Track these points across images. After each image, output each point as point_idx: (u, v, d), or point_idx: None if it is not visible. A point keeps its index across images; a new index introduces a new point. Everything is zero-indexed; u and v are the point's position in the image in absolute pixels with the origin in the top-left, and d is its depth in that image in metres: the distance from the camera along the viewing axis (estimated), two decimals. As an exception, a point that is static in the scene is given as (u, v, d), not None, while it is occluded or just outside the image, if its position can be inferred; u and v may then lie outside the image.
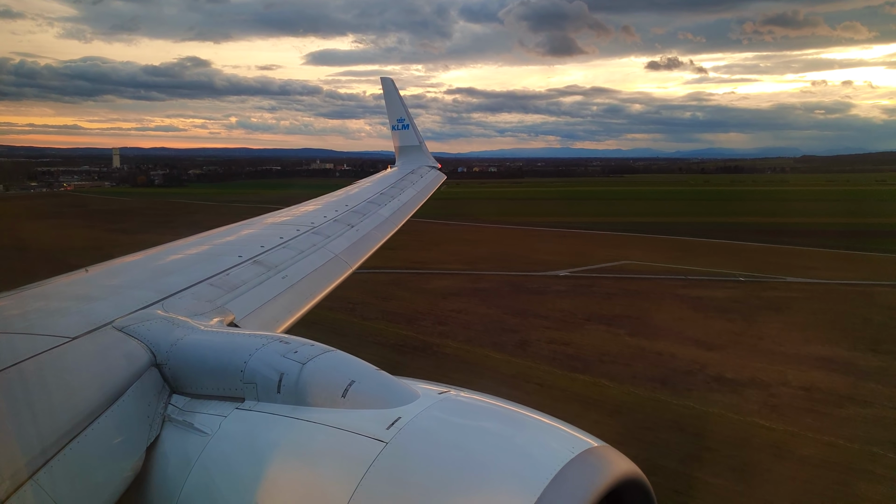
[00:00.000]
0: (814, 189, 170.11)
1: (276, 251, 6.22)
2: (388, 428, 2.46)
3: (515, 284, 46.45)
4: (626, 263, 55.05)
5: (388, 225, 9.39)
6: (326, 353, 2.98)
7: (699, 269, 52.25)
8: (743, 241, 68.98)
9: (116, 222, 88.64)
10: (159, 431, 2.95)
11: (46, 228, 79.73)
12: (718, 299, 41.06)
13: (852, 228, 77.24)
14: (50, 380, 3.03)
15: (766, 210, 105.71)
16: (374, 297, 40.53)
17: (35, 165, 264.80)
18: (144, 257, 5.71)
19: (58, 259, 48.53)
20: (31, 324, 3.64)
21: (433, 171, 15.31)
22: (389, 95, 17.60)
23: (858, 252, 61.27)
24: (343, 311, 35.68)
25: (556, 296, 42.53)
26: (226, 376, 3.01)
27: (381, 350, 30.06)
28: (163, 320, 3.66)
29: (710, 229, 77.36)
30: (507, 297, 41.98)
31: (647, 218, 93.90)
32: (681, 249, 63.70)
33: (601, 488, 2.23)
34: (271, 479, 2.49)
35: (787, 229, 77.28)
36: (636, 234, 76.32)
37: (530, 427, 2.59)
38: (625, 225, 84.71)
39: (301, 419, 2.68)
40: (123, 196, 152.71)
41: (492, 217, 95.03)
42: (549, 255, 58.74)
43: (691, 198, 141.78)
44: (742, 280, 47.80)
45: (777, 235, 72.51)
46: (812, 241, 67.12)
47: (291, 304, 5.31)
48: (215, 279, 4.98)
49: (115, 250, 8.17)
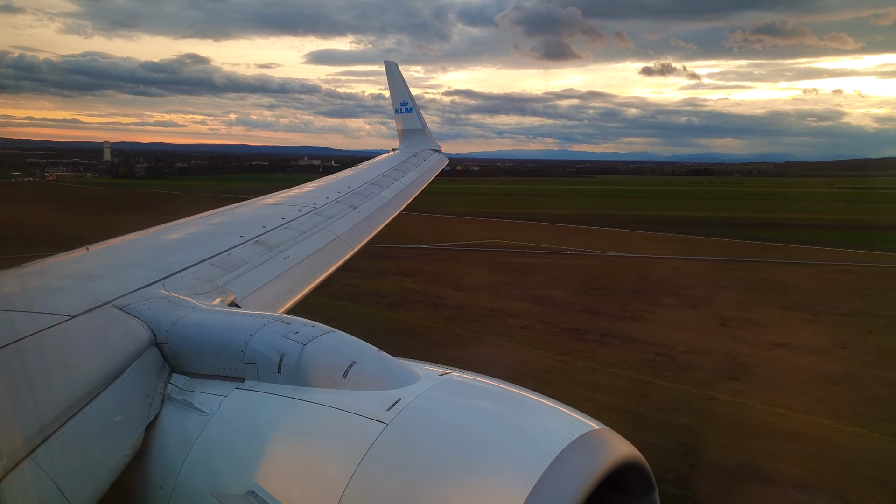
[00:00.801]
0: (746, 189, 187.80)
1: (278, 231, 6.23)
2: (389, 409, 2.48)
3: (374, 252, 55.88)
4: (492, 241, 64.39)
5: (391, 207, 9.39)
6: (327, 334, 3.02)
7: (545, 245, 61.51)
8: (618, 229, 78.10)
9: (77, 207, 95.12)
10: (159, 410, 2.95)
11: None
12: (521, 264, 50.68)
13: (727, 220, 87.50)
14: (50, 358, 3.03)
15: (674, 206, 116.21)
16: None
17: (25, 157, 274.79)
18: (146, 236, 5.71)
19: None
20: (31, 301, 3.63)
21: (436, 155, 15.36)
22: (393, 79, 17.57)
23: (692, 236, 71.16)
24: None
25: (395, 259, 51.59)
26: (226, 356, 3.02)
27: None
28: (163, 299, 3.66)
29: (609, 220, 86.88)
30: (354, 260, 51.34)
31: (568, 210, 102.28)
32: (557, 233, 72.59)
33: (601, 471, 2.25)
34: (271, 459, 2.51)
35: (672, 220, 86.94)
36: (539, 222, 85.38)
37: (531, 409, 2.63)
38: (539, 216, 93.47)
39: (301, 399, 2.68)
40: (102, 186, 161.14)
41: (429, 207, 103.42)
42: (434, 235, 65.53)
43: (625, 195, 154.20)
44: (566, 253, 57.41)
45: (655, 225, 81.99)
46: (675, 229, 76.79)
47: (293, 285, 5.33)
48: (217, 259, 4.97)
49: (54, 227, 12.59)
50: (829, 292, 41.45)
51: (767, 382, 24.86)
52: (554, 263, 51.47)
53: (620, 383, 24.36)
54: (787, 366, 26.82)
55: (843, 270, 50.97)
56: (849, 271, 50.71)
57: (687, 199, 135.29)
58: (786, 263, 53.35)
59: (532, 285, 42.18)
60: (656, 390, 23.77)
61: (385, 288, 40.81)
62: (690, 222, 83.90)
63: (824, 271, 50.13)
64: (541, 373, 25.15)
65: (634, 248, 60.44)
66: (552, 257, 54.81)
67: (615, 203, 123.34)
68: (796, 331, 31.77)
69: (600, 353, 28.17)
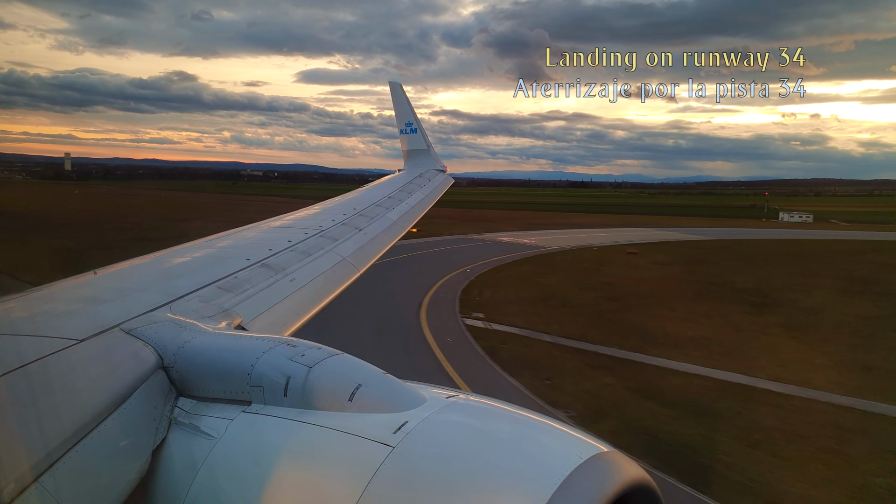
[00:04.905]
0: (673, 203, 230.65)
1: (284, 254, 6.28)
2: (395, 432, 2.47)
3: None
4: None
5: (396, 228, 9.42)
6: (333, 357, 3.00)
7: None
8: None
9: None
10: (165, 434, 2.95)
11: None
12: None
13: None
14: (57, 382, 3.03)
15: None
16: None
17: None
18: (152, 260, 5.81)
19: None
20: (38, 326, 3.63)
21: (441, 175, 15.38)
22: (398, 99, 17.57)
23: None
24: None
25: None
26: (232, 379, 3.01)
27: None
28: (170, 323, 3.67)
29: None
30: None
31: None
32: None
33: (610, 494, 2.21)
34: (277, 483, 2.50)
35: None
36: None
37: (538, 432, 2.58)
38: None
39: (307, 423, 2.67)
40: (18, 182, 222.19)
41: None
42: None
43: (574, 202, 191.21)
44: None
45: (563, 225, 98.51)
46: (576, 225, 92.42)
47: (299, 308, 5.32)
48: (223, 282, 4.99)
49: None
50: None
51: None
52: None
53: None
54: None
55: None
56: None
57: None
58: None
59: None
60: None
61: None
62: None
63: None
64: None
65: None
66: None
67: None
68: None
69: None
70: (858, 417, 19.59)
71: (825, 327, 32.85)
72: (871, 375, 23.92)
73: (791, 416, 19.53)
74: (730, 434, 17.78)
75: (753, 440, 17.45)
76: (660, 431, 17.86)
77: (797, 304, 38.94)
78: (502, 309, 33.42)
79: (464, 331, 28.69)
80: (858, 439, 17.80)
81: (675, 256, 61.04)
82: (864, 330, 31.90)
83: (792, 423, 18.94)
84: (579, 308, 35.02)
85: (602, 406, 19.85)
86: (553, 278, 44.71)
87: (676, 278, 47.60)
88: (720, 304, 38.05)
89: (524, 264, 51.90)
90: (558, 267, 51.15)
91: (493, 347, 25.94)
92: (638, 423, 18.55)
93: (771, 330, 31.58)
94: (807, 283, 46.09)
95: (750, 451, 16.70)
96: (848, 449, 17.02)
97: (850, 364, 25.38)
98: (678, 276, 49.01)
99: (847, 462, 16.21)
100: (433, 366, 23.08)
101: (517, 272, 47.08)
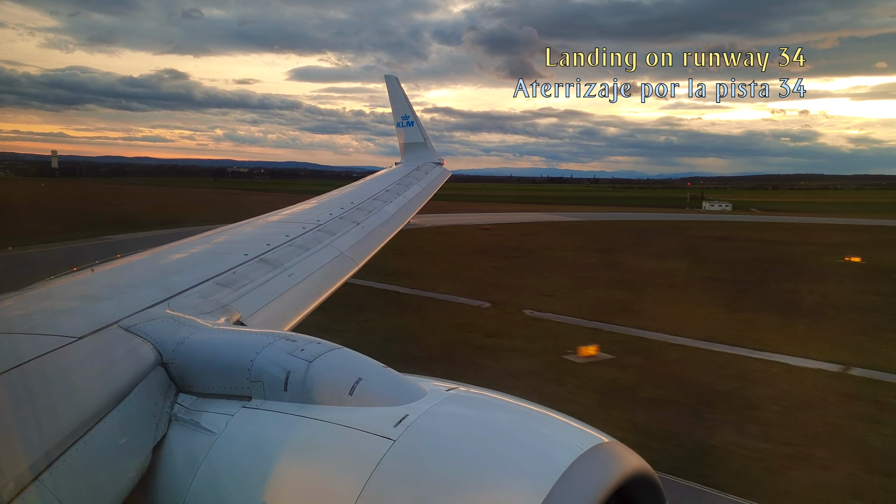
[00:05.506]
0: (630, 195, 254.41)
1: (282, 249, 6.20)
2: (396, 426, 2.47)
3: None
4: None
5: (394, 222, 9.31)
6: (333, 351, 2.99)
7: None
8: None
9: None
10: (166, 431, 2.94)
11: None
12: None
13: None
14: (56, 379, 3.01)
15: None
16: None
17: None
18: (150, 256, 5.71)
19: None
20: (37, 324, 3.61)
21: (438, 168, 15.37)
22: (394, 93, 17.65)
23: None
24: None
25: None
26: (232, 375, 3.00)
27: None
28: (169, 319, 3.64)
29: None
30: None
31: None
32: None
33: (611, 484, 2.24)
34: (278, 478, 2.50)
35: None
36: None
37: (539, 423, 2.61)
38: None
39: (308, 417, 2.67)
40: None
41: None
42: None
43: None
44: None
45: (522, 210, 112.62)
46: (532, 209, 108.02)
47: (298, 302, 5.31)
48: (221, 277, 4.95)
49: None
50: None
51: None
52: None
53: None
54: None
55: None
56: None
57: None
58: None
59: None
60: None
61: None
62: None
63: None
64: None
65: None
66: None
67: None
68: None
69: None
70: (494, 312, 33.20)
71: (549, 267, 45.60)
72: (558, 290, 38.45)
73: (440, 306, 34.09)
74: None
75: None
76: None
77: (548, 256, 51.27)
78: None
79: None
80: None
81: (518, 231, 72.58)
82: (583, 270, 44.03)
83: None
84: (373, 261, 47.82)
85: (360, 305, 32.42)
86: (391, 243, 57.15)
87: (485, 242, 59.46)
88: (484, 257, 50.46)
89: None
90: (409, 236, 58.09)
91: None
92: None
93: (501, 269, 43.70)
94: (584, 246, 58.37)
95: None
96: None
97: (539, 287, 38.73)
98: (490, 241, 60.78)
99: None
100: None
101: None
